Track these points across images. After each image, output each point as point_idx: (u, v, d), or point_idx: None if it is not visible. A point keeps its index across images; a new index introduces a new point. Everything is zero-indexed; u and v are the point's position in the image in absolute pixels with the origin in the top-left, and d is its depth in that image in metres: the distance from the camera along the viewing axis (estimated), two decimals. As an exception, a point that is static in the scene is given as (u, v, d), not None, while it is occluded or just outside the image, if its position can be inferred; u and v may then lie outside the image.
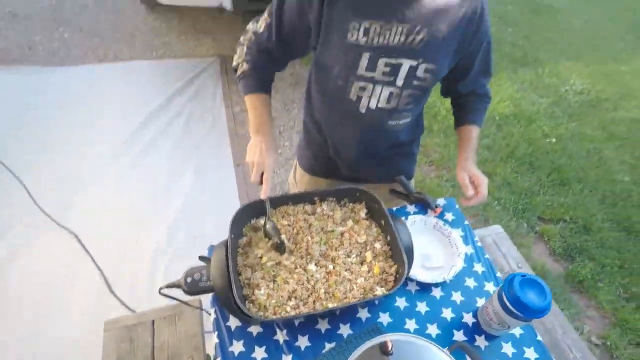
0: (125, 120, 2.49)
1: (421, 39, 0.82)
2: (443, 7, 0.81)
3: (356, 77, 0.87)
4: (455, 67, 0.93)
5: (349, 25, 0.81)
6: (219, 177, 2.28)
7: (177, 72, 2.91)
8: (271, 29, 0.90)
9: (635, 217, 2.23)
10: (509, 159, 2.49)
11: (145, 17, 3.40)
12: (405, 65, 0.85)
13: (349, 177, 1.14)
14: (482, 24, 0.87)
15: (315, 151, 1.14)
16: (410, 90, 0.89)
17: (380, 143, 1.03)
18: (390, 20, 0.80)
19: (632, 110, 3.06)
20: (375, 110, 0.92)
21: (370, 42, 0.82)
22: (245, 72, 0.95)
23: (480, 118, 1.06)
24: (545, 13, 4.22)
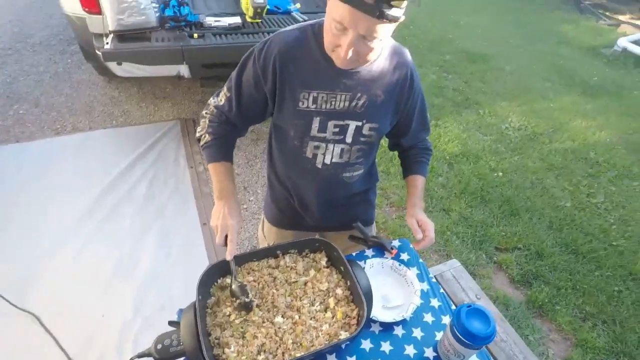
0: (85, 190, 2.46)
1: (363, 103, 0.96)
2: (378, 76, 0.95)
3: (310, 137, 0.99)
4: (397, 124, 1.08)
5: (299, 95, 0.94)
6: (186, 238, 2.27)
7: (138, 138, 2.95)
8: (231, 101, 1.01)
9: (580, 240, 2.41)
10: (462, 195, 2.66)
11: (104, 88, 3.47)
12: (352, 125, 0.98)
13: (314, 227, 1.23)
14: (414, 86, 1.02)
15: (281, 205, 1.22)
16: (358, 145, 1.02)
17: (339, 194, 1.13)
18: (334, 90, 0.94)
19: (565, 142, 3.39)
20: (330, 165, 1.03)
21: (319, 108, 0.95)
22: (208, 142, 1.03)
23: (424, 169, 1.20)
24: (479, 61, 4.69)
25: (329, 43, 0.84)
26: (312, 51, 0.92)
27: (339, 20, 0.77)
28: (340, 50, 0.81)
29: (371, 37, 0.78)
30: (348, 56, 0.81)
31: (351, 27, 0.77)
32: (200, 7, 2.83)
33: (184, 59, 2.27)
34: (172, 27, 2.32)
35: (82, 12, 2.38)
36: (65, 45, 4.06)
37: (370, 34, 0.77)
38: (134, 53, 2.20)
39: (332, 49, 0.85)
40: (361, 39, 0.79)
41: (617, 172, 3.07)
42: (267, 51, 0.93)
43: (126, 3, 2.11)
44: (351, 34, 0.78)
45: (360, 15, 0.73)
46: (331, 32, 0.81)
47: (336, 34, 0.80)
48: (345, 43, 0.79)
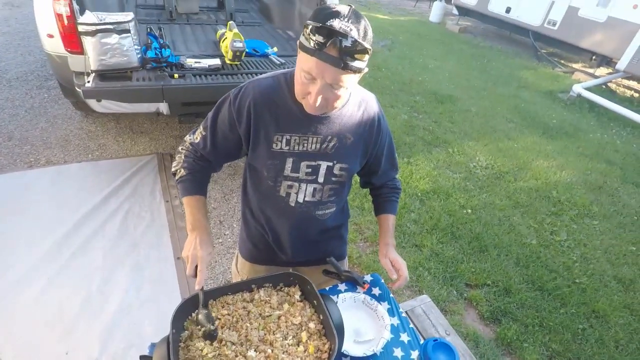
0: (57, 224, 2.41)
1: (333, 145, 1.04)
2: (347, 120, 1.04)
3: (283, 177, 1.05)
4: (367, 164, 1.16)
5: (273, 137, 1.01)
6: (159, 273, 2.24)
7: (114, 172, 2.94)
8: (206, 139, 1.07)
9: (546, 277, 2.51)
10: (433, 230, 2.75)
11: (81, 122, 3.47)
12: (323, 165, 1.05)
13: (287, 262, 1.26)
14: (381, 129, 1.11)
15: (255, 240, 1.26)
16: (330, 185, 1.08)
17: (312, 231, 1.18)
18: (306, 133, 1.01)
19: (529, 180, 3.60)
20: (303, 203, 1.09)
21: (292, 150, 1.02)
22: (182, 177, 1.08)
23: (394, 207, 1.27)
24: (447, 101, 4.99)
25: (299, 91, 0.92)
26: (284, 98, 0.99)
27: (307, 70, 0.85)
28: (310, 97, 0.89)
29: (337, 86, 0.86)
30: (317, 103, 0.88)
31: (318, 77, 0.85)
32: (182, 49, 2.94)
33: (164, 97, 2.33)
34: (153, 67, 2.40)
35: (64, 51, 2.44)
36: (43, 81, 4.07)
37: (337, 83, 0.85)
38: (115, 91, 2.25)
39: (302, 96, 0.92)
40: (328, 87, 0.87)
41: (578, 211, 3.25)
42: (242, 96, 1.00)
43: (109, 45, 2.18)
44: (319, 83, 0.86)
45: (326, 66, 0.82)
46: (301, 81, 0.88)
47: (305, 83, 0.88)
48: (314, 91, 0.87)
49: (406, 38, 7.57)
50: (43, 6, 2.41)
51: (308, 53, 0.83)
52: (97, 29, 2.12)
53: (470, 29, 9.12)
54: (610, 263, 2.75)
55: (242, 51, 2.62)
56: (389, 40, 7.27)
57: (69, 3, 2.28)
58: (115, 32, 2.18)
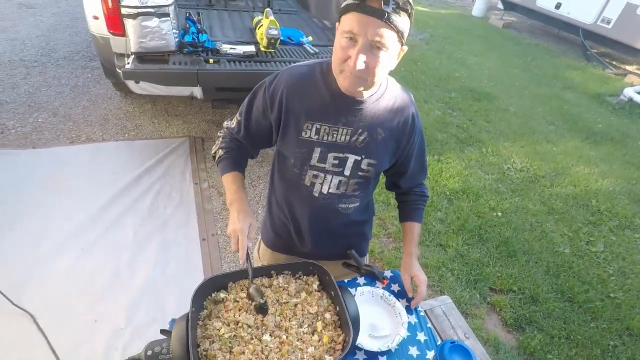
0: (92, 199, 2.52)
1: (363, 139, 1.01)
2: (380, 114, 1.01)
3: (310, 166, 1.04)
4: (396, 163, 1.13)
5: (303, 125, 1.00)
6: (185, 252, 2.31)
7: (148, 152, 3.04)
8: (240, 124, 1.10)
9: (577, 288, 2.39)
10: (460, 232, 2.68)
11: (120, 103, 3.60)
12: (351, 159, 1.03)
13: (308, 254, 1.25)
14: (415, 128, 1.08)
15: (278, 229, 1.26)
16: (356, 179, 1.06)
17: (334, 223, 1.17)
18: (337, 124, 1.00)
19: (567, 186, 3.42)
20: (327, 195, 1.08)
21: (320, 139, 1.01)
22: (221, 157, 1.13)
23: (420, 215, 1.25)
24: (484, 99, 4.81)
25: (338, 60, 0.89)
26: (318, 86, 0.99)
27: (349, 29, 0.83)
28: (350, 61, 0.86)
29: (380, 44, 0.84)
30: (357, 66, 0.85)
31: (360, 34, 0.83)
32: (219, 34, 2.97)
33: (198, 81, 2.38)
34: (189, 51, 2.44)
35: (107, 33, 2.52)
36: (87, 61, 4.25)
37: (380, 39, 0.83)
38: (152, 74, 2.31)
39: (341, 64, 0.89)
40: (369, 48, 0.84)
41: (619, 222, 3.07)
42: (276, 83, 1.01)
43: (149, 28, 2.23)
44: (360, 41, 0.84)
45: (368, 19, 0.81)
46: (340, 47, 0.87)
47: (345, 47, 0.86)
48: (355, 52, 0.85)
49: (446, 32, 7.34)
50: (90, -12, 2.50)
51: (349, 10, 0.83)
52: (138, 11, 2.18)
53: (515, 24, 8.72)
54: (650, 279, 2.59)
55: (277, 39, 2.62)
56: (428, 33, 7.07)
57: (114, -15, 2.35)
58: (155, 16, 2.23)
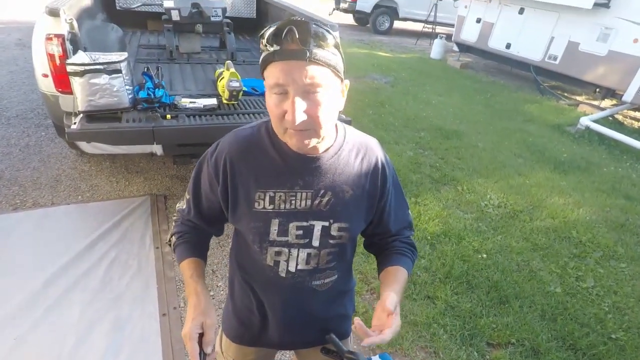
0: (34, 274, 2.21)
1: (327, 201, 0.86)
2: (342, 169, 0.87)
3: (269, 242, 0.87)
4: (372, 221, 0.96)
5: (254, 195, 0.85)
6: (141, 331, 2.01)
7: (103, 215, 2.77)
8: (190, 204, 0.95)
9: (577, 332, 2.22)
10: (447, 280, 2.51)
11: (74, 162, 3.36)
12: (317, 226, 0.87)
13: (280, 344, 1.06)
14: (387, 177, 0.92)
15: (242, 316, 1.05)
16: (328, 249, 0.89)
17: (308, 306, 0.98)
18: (293, 188, 0.85)
19: (545, 219, 3.37)
20: (296, 273, 0.90)
21: (277, 208, 0.85)
22: (175, 244, 0.97)
23: (408, 264, 0.97)
24: (453, 137, 4.86)
25: (276, 119, 0.76)
26: (266, 149, 0.86)
27: (275, 82, 0.73)
28: (288, 115, 0.73)
29: (313, 87, 0.72)
30: (297, 118, 0.72)
31: (289, 83, 0.72)
32: (179, 88, 2.86)
33: (155, 139, 2.21)
34: (145, 108, 2.29)
35: (56, 91, 2.38)
36: (42, 119, 4.03)
37: (311, 82, 0.72)
38: (102, 133, 2.13)
39: (280, 122, 0.76)
40: (304, 94, 0.73)
41: (603, 253, 3.00)
42: (218, 152, 0.88)
43: (98, 85, 2.08)
44: (291, 91, 0.72)
45: (290, 64, 0.71)
46: (274, 105, 0.75)
47: (278, 102, 0.74)
48: (289, 103, 0.73)
49: (408, 75, 7.60)
50: (38, 46, 2.37)
51: (269, 61, 0.73)
52: (85, 69, 2.03)
53: (471, 64, 9.19)
54: (646, 313, 2.47)
55: (239, 90, 2.52)
56: (392, 77, 7.29)
57: (61, 43, 2.22)
58: (105, 72, 2.09)
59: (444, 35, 9.49)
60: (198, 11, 3.43)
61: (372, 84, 6.75)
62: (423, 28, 11.04)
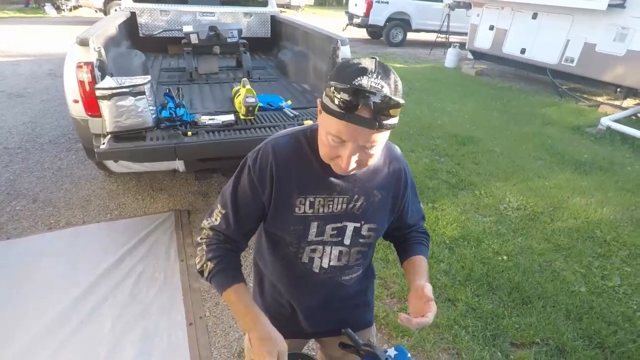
0: (67, 289, 2.33)
1: (360, 205, 0.95)
2: (372, 175, 0.96)
3: (307, 242, 0.96)
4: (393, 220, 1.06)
5: (295, 200, 0.92)
6: (169, 340, 2.08)
7: (130, 232, 2.90)
8: (228, 217, 0.95)
9: (604, 331, 2.18)
10: (467, 282, 2.50)
11: (103, 182, 3.53)
12: (350, 227, 0.96)
13: (309, 334, 1.14)
14: (408, 180, 1.03)
15: (273, 311, 1.11)
16: (357, 247, 0.99)
17: (336, 298, 1.07)
18: (331, 194, 0.93)
19: (567, 220, 3.31)
20: (329, 269, 0.99)
21: (316, 212, 0.93)
22: (212, 270, 0.93)
23: (423, 250, 1.08)
24: (469, 143, 4.84)
25: (326, 154, 0.84)
26: (306, 157, 0.92)
27: (336, 134, 0.77)
28: (341, 161, 0.81)
29: (371, 146, 0.79)
30: (350, 167, 0.81)
31: (350, 140, 0.77)
32: (199, 107, 3.01)
33: (177, 155, 2.33)
34: (167, 126, 2.43)
35: (85, 115, 2.53)
36: (72, 143, 4.26)
37: (370, 143, 0.78)
38: (128, 151, 2.27)
39: (330, 159, 0.84)
40: (361, 149, 0.79)
41: (629, 251, 2.92)
42: (262, 158, 0.91)
43: (124, 107, 2.23)
44: (350, 146, 0.78)
45: (358, 129, 0.74)
46: (329, 145, 0.80)
47: (334, 146, 0.80)
48: (345, 155, 0.79)
49: (423, 84, 7.65)
50: (69, 74, 2.54)
51: (336, 116, 0.75)
52: (112, 92, 2.18)
53: (486, 71, 9.17)
54: (677, 311, 2.39)
55: (255, 106, 2.64)
56: (406, 87, 7.34)
57: (90, 70, 2.38)
58: (130, 95, 2.23)
59: (458, 44, 9.52)
60: (215, 34, 3.62)
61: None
62: (436, 38, 11.11)
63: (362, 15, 11.29)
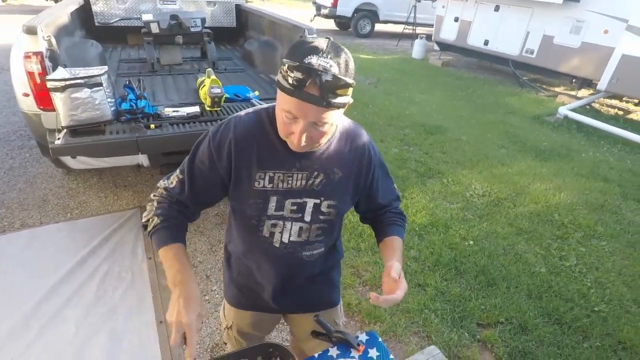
0: (25, 296, 2.20)
1: (320, 182, 0.97)
2: (334, 154, 0.98)
3: (267, 216, 0.98)
4: (361, 199, 1.08)
5: (255, 175, 0.95)
6: (140, 340, 2.02)
7: (93, 231, 2.77)
8: (184, 183, 0.97)
9: (562, 308, 2.31)
10: (436, 267, 2.57)
11: (61, 181, 3.35)
12: (310, 203, 0.98)
13: (275, 309, 1.16)
14: (373, 160, 1.04)
15: (239, 284, 1.16)
16: (318, 224, 1.01)
17: (298, 274, 1.09)
18: (290, 169, 0.95)
19: (529, 205, 3.47)
20: (289, 244, 1.01)
21: (275, 187, 0.96)
22: (156, 226, 0.95)
23: (400, 232, 1.11)
24: (436, 132, 4.95)
25: (282, 131, 0.88)
26: (267, 133, 0.94)
27: (288, 110, 0.81)
28: (294, 137, 0.84)
29: (321, 123, 0.82)
30: (302, 142, 0.84)
31: (301, 117, 0.80)
32: (162, 99, 2.89)
33: (139, 149, 2.23)
34: (128, 119, 2.32)
35: (37, 109, 2.38)
36: (25, 141, 4.01)
37: (320, 121, 0.81)
38: (86, 147, 2.15)
39: (285, 135, 0.88)
40: (312, 125, 0.82)
41: (584, 233, 3.10)
42: (222, 133, 0.94)
43: (79, 100, 2.10)
44: (302, 122, 0.81)
45: (308, 106, 0.78)
46: (283, 121, 0.84)
47: (288, 122, 0.83)
48: (297, 130, 0.83)
49: (391, 75, 7.72)
50: (16, 65, 2.38)
51: (287, 93, 0.79)
52: (66, 84, 2.05)
53: (452, 62, 9.37)
54: (627, 286, 2.56)
55: (221, 97, 2.57)
56: (375, 78, 7.40)
57: (39, 60, 2.24)
58: (86, 87, 2.11)
59: (424, 35, 9.67)
60: (177, 23, 3.48)
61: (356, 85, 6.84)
62: (404, 29, 11.23)
63: (329, 6, 11.22)
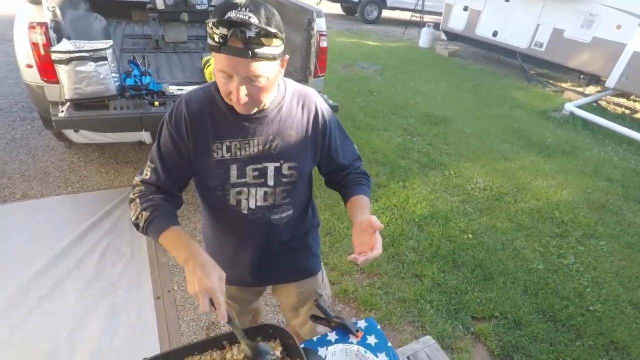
0: (27, 264, 2.23)
1: (276, 145, 0.99)
2: (286, 117, 1.00)
3: (230, 185, 1.00)
4: (321, 160, 1.11)
5: (212, 146, 0.96)
6: (137, 315, 2.05)
7: (94, 205, 2.78)
8: (157, 170, 0.98)
9: (557, 305, 2.32)
10: (434, 259, 2.59)
11: (63, 154, 3.34)
12: (270, 167, 1.00)
13: (255, 282, 1.20)
14: (326, 120, 1.06)
15: (217, 260, 1.12)
16: (281, 187, 1.03)
17: (272, 240, 1.11)
18: (245, 137, 0.97)
19: (530, 201, 3.46)
20: (256, 209, 1.03)
21: (234, 156, 0.98)
22: (148, 219, 0.93)
23: (366, 191, 1.12)
24: (441, 123, 4.92)
25: (223, 93, 0.89)
26: (217, 105, 0.96)
27: (221, 68, 0.82)
28: (233, 96, 0.86)
29: (255, 77, 0.83)
30: (242, 100, 0.85)
31: (233, 73, 0.81)
32: (166, 77, 2.87)
33: (143, 125, 2.22)
34: (132, 95, 2.30)
35: (41, 81, 2.36)
36: (27, 112, 3.98)
37: (253, 74, 0.82)
38: (90, 121, 2.14)
39: (227, 97, 0.88)
40: (247, 81, 0.83)
41: (583, 232, 3.11)
42: (176, 113, 0.96)
43: (84, 73, 2.08)
44: (236, 79, 0.82)
45: (235, 59, 0.79)
46: (221, 84, 0.86)
47: (225, 82, 0.84)
48: (234, 88, 0.84)
49: (397, 63, 7.63)
50: (21, 36, 2.34)
51: (215, 51, 0.80)
52: (71, 56, 2.03)
53: (459, 52, 9.24)
54: (623, 287, 2.58)
55: (227, 76, 2.53)
56: (380, 65, 7.31)
57: (44, 31, 2.20)
58: (91, 60, 2.09)
59: (432, 23, 9.51)
60: (183, 0, 3.41)
61: (361, 72, 6.76)
62: (411, 17, 11.05)
63: (337, -10, 11.03)
